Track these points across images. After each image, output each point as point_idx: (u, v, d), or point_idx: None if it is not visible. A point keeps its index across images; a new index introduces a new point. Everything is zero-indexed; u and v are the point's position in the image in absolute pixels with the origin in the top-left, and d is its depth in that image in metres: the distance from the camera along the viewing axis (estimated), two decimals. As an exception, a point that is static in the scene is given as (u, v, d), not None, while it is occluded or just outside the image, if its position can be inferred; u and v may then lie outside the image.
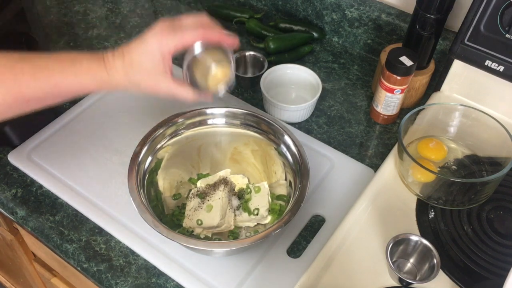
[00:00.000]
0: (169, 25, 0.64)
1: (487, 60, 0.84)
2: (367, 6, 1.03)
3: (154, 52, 0.64)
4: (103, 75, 0.64)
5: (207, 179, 0.82)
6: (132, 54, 0.64)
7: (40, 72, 0.62)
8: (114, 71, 0.64)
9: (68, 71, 0.63)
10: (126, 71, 0.64)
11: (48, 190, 0.84)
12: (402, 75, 0.85)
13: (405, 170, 0.80)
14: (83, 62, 0.64)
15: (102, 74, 0.64)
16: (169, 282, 0.74)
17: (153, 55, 0.64)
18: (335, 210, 0.81)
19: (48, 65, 0.63)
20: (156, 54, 0.64)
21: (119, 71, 0.64)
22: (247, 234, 0.78)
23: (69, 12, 1.18)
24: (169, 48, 0.64)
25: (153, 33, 0.64)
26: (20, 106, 0.63)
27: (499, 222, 0.76)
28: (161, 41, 0.63)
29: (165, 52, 0.64)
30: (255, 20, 1.11)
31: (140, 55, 0.64)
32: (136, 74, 0.65)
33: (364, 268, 0.73)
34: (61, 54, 0.64)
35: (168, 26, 0.64)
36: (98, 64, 0.64)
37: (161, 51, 0.64)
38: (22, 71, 0.61)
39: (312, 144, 0.90)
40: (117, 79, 0.65)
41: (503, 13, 0.79)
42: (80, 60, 0.64)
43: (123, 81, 0.65)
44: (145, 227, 0.71)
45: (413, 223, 0.78)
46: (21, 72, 0.61)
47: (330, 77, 1.04)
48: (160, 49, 0.63)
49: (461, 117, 0.84)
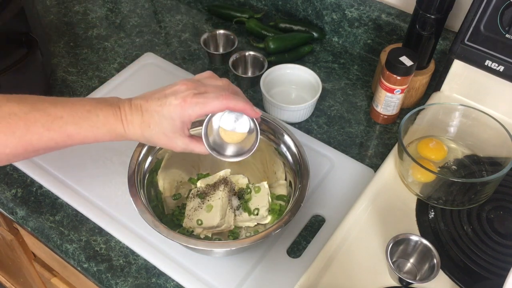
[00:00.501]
0: (193, 92, 0.63)
1: (487, 60, 0.84)
2: (367, 6, 1.03)
3: (174, 119, 0.63)
4: (119, 129, 0.63)
5: (207, 179, 0.82)
6: (151, 113, 0.63)
7: (54, 123, 0.60)
8: (131, 126, 0.63)
9: (84, 124, 0.62)
10: (143, 130, 0.63)
11: (48, 190, 0.84)
12: (402, 75, 0.85)
13: (405, 170, 0.80)
14: (99, 114, 0.62)
15: (118, 128, 0.63)
16: (169, 282, 0.74)
17: (173, 120, 0.63)
18: (335, 210, 0.81)
19: (63, 115, 0.61)
20: (177, 121, 0.63)
21: (135, 128, 0.63)
22: (247, 234, 0.78)
23: (69, 12, 1.18)
24: (190, 117, 0.63)
25: (175, 99, 0.62)
26: (28, 155, 0.62)
27: (499, 222, 0.76)
28: (183, 110, 0.62)
29: (186, 121, 0.63)
30: (255, 20, 1.11)
31: (160, 117, 0.63)
32: (153, 135, 0.64)
33: (364, 268, 0.73)
34: (76, 103, 0.62)
35: (192, 93, 0.62)
36: (114, 118, 0.63)
37: (182, 120, 0.63)
38: (35, 121, 0.59)
39: (312, 144, 0.90)
40: (133, 134, 0.64)
41: (503, 13, 0.79)
42: (95, 112, 0.62)
43: (139, 137, 0.65)
44: (145, 227, 0.71)
45: (413, 223, 0.78)
46: (34, 123, 0.59)
47: (330, 77, 1.04)
48: (181, 118, 0.63)
49: (461, 117, 0.84)
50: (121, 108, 0.63)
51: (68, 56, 1.07)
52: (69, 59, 1.06)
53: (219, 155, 0.68)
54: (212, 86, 0.65)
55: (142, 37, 1.12)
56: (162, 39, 1.11)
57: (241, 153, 0.69)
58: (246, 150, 0.69)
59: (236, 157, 0.69)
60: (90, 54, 1.07)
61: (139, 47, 1.09)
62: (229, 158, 0.69)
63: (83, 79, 1.02)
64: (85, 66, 1.05)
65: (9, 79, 0.84)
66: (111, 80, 1.00)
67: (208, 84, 0.66)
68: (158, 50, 1.09)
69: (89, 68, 1.04)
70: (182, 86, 0.64)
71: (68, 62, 1.06)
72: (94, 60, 1.06)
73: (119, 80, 1.00)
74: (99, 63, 1.06)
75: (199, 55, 1.08)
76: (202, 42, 1.04)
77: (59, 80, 1.02)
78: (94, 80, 1.02)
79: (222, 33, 1.07)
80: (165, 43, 1.11)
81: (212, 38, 1.07)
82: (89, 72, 1.04)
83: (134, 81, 1.00)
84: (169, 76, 1.01)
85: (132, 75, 1.01)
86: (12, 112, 0.59)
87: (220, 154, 0.68)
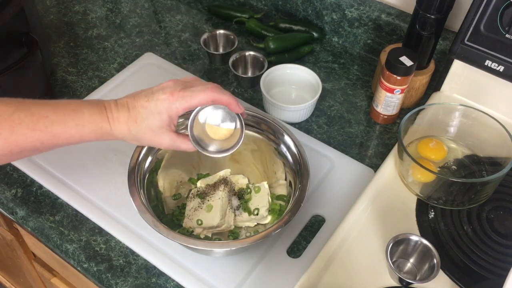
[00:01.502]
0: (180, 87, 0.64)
1: (487, 60, 0.84)
2: (367, 6, 1.03)
3: (162, 113, 0.63)
4: (105, 127, 0.63)
5: (207, 179, 0.82)
6: (138, 109, 0.63)
7: (39, 122, 0.60)
8: (117, 123, 0.63)
9: (69, 122, 0.61)
10: (130, 125, 0.64)
11: (48, 190, 0.84)
12: (402, 75, 0.85)
13: (405, 170, 0.80)
14: (84, 112, 0.62)
15: (104, 126, 0.63)
16: (169, 282, 0.74)
17: (160, 115, 0.63)
18: (335, 210, 0.81)
19: (48, 115, 0.60)
20: (164, 115, 0.63)
21: (122, 125, 0.63)
22: (247, 234, 0.78)
23: (69, 12, 1.18)
24: (177, 111, 0.64)
25: (163, 93, 0.63)
26: (13, 156, 0.61)
27: (499, 222, 0.76)
28: (171, 104, 0.63)
29: (173, 115, 0.64)
30: (255, 20, 1.11)
31: (147, 113, 0.63)
32: (139, 130, 0.64)
33: (364, 268, 0.73)
34: (60, 104, 0.62)
35: (179, 88, 0.64)
36: (100, 115, 0.63)
37: (169, 114, 0.63)
38: (20, 121, 0.59)
39: (312, 144, 0.90)
40: (119, 132, 0.64)
41: (503, 13, 0.79)
42: (81, 110, 0.62)
43: (125, 134, 0.65)
44: (145, 227, 0.71)
45: (413, 223, 0.78)
46: (18, 124, 0.59)
47: (330, 77, 1.04)
48: (168, 112, 0.63)
49: (461, 117, 0.84)
50: (106, 106, 0.64)
51: (68, 56, 1.07)
52: (69, 59, 1.06)
53: (204, 150, 0.69)
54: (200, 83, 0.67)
55: (142, 37, 1.12)
56: (162, 39, 1.11)
57: (226, 149, 0.70)
58: (231, 146, 0.69)
59: (221, 153, 0.69)
60: (90, 54, 1.07)
61: (139, 47, 1.09)
62: (214, 154, 0.69)
63: (83, 79, 1.02)
64: (85, 66, 1.05)
65: (9, 79, 0.84)
66: (111, 80, 1.00)
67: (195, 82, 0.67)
68: (158, 50, 1.09)
69: (89, 68, 1.04)
70: (169, 83, 0.65)
71: (68, 62, 1.06)
72: (94, 60, 1.06)
73: (119, 80, 1.00)
74: (99, 63, 1.06)
75: (199, 55, 1.08)
76: (202, 42, 1.04)
77: (59, 80, 1.02)
78: (94, 80, 1.02)
79: (222, 33, 1.07)
80: (165, 43, 1.11)
81: (212, 38, 1.07)
82: (89, 72, 1.04)
83: (134, 81, 1.00)
84: (169, 76, 1.01)
85: (132, 75, 1.01)
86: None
87: (206, 150, 0.69)
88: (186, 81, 0.67)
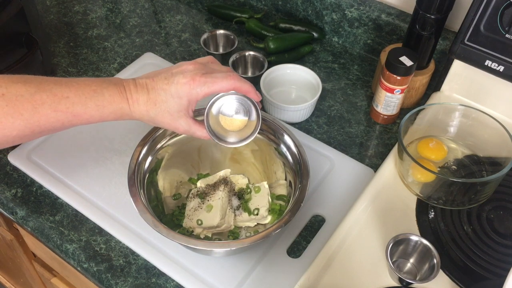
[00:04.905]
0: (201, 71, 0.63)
1: (487, 60, 0.84)
2: (367, 6, 1.03)
3: (182, 98, 0.63)
4: (125, 108, 0.63)
5: (207, 179, 0.82)
6: (158, 91, 0.63)
7: (60, 103, 0.60)
8: (136, 105, 0.63)
9: (90, 103, 0.62)
10: (148, 107, 0.64)
11: (48, 190, 0.84)
12: (402, 75, 0.85)
13: (405, 170, 0.80)
14: (105, 93, 0.62)
15: (124, 107, 0.63)
16: (169, 282, 0.74)
17: (180, 99, 0.63)
18: (335, 210, 0.81)
19: (69, 95, 0.61)
20: (184, 99, 0.63)
21: (140, 106, 0.64)
22: (247, 234, 0.78)
23: (69, 12, 1.18)
24: (197, 96, 0.63)
25: (184, 77, 0.63)
26: (34, 136, 0.62)
27: (499, 222, 0.76)
28: (192, 89, 0.63)
29: (193, 100, 0.64)
30: (255, 20, 1.11)
31: (166, 95, 0.63)
32: (158, 113, 0.64)
33: (364, 268, 0.73)
34: (81, 83, 0.62)
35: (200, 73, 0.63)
36: (120, 97, 0.63)
37: (189, 98, 0.63)
38: (42, 102, 0.59)
39: (312, 144, 0.90)
40: (138, 113, 0.64)
41: (503, 13, 0.79)
42: (101, 92, 0.62)
43: (143, 116, 0.65)
44: (145, 227, 0.71)
45: (413, 223, 0.78)
46: (41, 104, 0.59)
47: (330, 77, 1.04)
48: (188, 97, 0.63)
49: (461, 117, 0.84)
50: (126, 87, 0.64)
51: (68, 56, 1.07)
52: (69, 59, 1.06)
53: (219, 140, 0.69)
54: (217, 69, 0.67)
55: (142, 37, 1.12)
56: (162, 39, 1.11)
57: (241, 139, 0.69)
58: (246, 137, 0.69)
59: (237, 143, 0.69)
60: (90, 54, 1.07)
61: (139, 47, 1.09)
62: (229, 144, 0.69)
63: (83, 79, 1.02)
64: (85, 66, 1.05)
65: (9, 79, 0.84)
66: (111, 80, 1.00)
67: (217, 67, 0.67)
68: (158, 50, 1.09)
69: (89, 68, 1.04)
70: (189, 66, 0.64)
71: (68, 62, 1.06)
72: (94, 60, 1.06)
73: (119, 80, 1.00)
74: (99, 63, 1.06)
75: (199, 55, 1.08)
76: (202, 42, 1.04)
77: (59, 80, 1.02)
78: (94, 80, 1.02)
79: (222, 33, 1.07)
80: (165, 43, 1.11)
81: (212, 38, 1.07)
82: (89, 72, 1.04)
83: (134, 81, 1.00)
84: (169, 76, 1.01)
85: (132, 75, 1.01)
86: (19, 93, 0.58)
87: (221, 140, 0.69)
88: (205, 64, 0.66)
